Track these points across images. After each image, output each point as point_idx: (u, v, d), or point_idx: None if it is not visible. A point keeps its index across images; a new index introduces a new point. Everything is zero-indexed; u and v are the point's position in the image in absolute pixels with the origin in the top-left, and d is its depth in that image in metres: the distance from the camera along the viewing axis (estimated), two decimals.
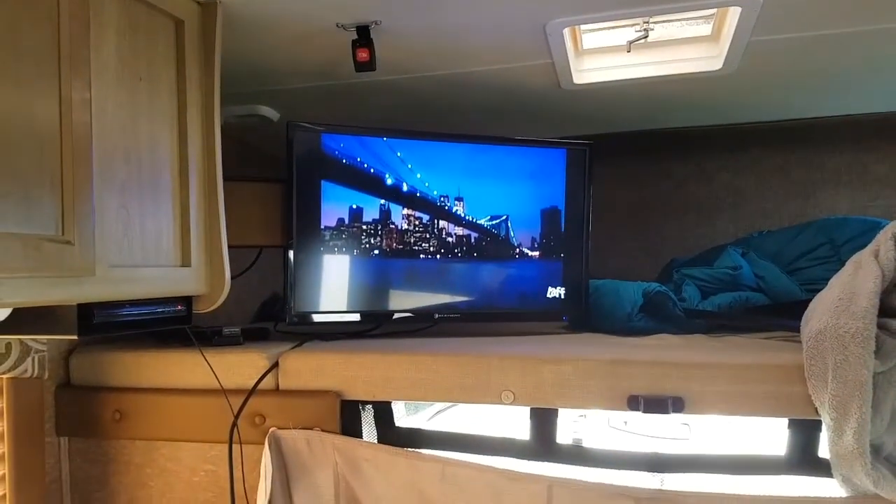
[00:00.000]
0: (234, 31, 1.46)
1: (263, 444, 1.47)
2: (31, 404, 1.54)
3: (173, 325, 1.35)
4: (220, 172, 1.40)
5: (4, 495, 1.50)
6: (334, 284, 1.76)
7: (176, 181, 1.33)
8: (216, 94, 1.40)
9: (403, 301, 1.82)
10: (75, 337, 1.15)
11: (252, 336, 1.72)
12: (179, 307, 1.34)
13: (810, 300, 1.45)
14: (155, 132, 1.29)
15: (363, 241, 1.76)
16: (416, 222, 1.81)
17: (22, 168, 0.99)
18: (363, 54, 1.50)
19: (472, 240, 1.86)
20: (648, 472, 1.49)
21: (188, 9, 1.36)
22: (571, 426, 2.11)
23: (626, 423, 2.12)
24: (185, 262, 1.34)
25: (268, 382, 1.51)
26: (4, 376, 1.45)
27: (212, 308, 1.41)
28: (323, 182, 1.72)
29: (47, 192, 1.03)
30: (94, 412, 1.60)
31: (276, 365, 1.53)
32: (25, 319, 1.14)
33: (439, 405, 2.15)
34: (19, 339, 1.44)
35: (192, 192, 1.35)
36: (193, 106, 1.36)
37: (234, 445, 1.49)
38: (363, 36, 1.50)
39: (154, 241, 1.27)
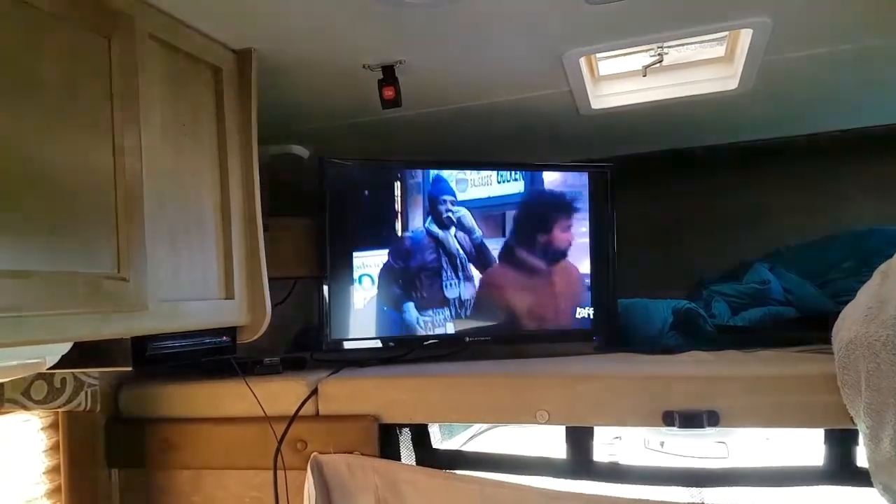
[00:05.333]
0: (267, 76, 1.54)
1: (306, 469, 1.51)
2: (84, 437, 1.61)
3: (220, 356, 1.41)
4: (259, 209, 1.47)
5: None
6: (367, 313, 1.81)
7: (219, 218, 1.41)
8: (253, 136, 1.48)
9: (434, 326, 1.86)
10: (130, 368, 1.21)
11: (290, 365, 1.78)
12: (225, 338, 1.41)
13: (840, 312, 1.46)
14: (198, 173, 1.37)
15: (395, 270, 1.82)
16: (446, 249, 1.86)
17: (82, 211, 1.07)
18: (389, 92, 1.57)
19: (500, 264, 1.90)
20: (686, 486, 1.49)
21: (224, 57, 1.45)
22: (607, 448, 2.11)
23: (662, 444, 2.11)
24: (229, 295, 1.41)
25: (308, 409, 1.56)
26: (60, 410, 1.52)
27: (255, 338, 1.47)
28: (355, 214, 1.79)
29: (104, 233, 1.11)
30: (142, 443, 1.66)
31: (315, 391, 1.58)
32: (84, 354, 1.20)
33: (472, 431, 2.17)
34: (73, 373, 1.52)
35: (234, 229, 1.42)
36: (233, 147, 1.44)
37: (278, 471, 1.53)
38: (388, 75, 1.57)
39: (200, 275, 1.34)
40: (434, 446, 1.67)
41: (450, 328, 1.87)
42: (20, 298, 0.94)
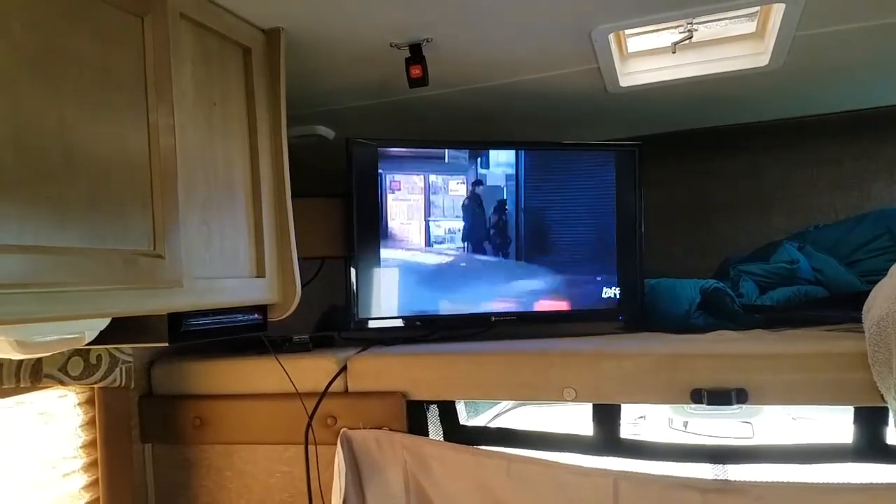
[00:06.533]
0: (294, 56, 1.54)
1: (335, 444, 1.54)
2: (119, 413, 1.65)
3: (252, 333, 1.43)
4: (288, 189, 1.48)
5: (98, 499, 1.60)
6: (395, 292, 1.82)
7: (249, 198, 1.42)
8: (282, 116, 1.49)
9: (461, 305, 1.87)
10: (167, 344, 1.23)
11: (319, 343, 1.80)
12: (256, 315, 1.43)
13: (870, 291, 1.44)
14: (229, 153, 1.38)
15: (421, 249, 1.83)
16: (472, 229, 1.87)
17: (118, 189, 1.09)
18: (416, 71, 1.57)
19: (527, 243, 1.90)
20: (712, 463, 1.49)
21: (254, 36, 1.45)
22: (631, 428, 2.11)
23: (686, 424, 2.11)
24: (260, 273, 1.43)
25: (337, 385, 1.59)
26: (96, 386, 1.56)
27: (285, 315, 1.49)
28: (381, 193, 1.80)
29: (139, 211, 1.13)
30: (175, 419, 1.70)
31: (344, 368, 1.60)
32: (121, 329, 1.23)
33: (496, 410, 2.19)
34: (108, 350, 1.55)
35: (264, 208, 1.44)
36: (262, 127, 1.45)
37: (308, 446, 1.56)
38: (416, 53, 1.56)
39: (232, 253, 1.36)
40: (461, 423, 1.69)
41: (476, 307, 1.87)
42: (59, 274, 0.97)
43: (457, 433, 1.63)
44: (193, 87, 1.29)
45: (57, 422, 1.52)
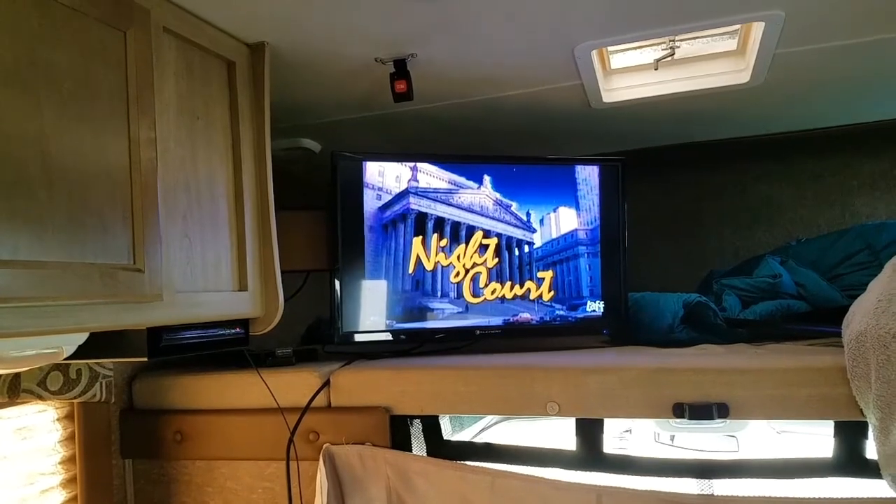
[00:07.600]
0: (279, 70, 1.55)
1: (318, 459, 1.52)
2: (99, 428, 1.63)
3: (233, 347, 1.42)
4: (272, 202, 1.48)
5: None
6: (379, 305, 1.82)
7: (232, 211, 1.42)
8: (266, 129, 1.49)
9: (446, 319, 1.87)
10: (146, 359, 1.22)
11: (302, 357, 1.79)
12: (238, 329, 1.42)
13: (851, 306, 1.45)
14: (212, 166, 1.38)
15: (405, 263, 1.83)
16: (456, 242, 1.87)
17: (98, 202, 1.08)
18: (401, 86, 1.58)
19: (510, 257, 1.91)
20: (695, 478, 1.49)
21: (238, 51, 1.46)
22: (617, 442, 2.11)
23: (672, 438, 2.11)
24: (243, 287, 1.42)
25: (320, 400, 1.58)
26: (76, 401, 1.54)
27: (267, 329, 1.48)
28: (365, 207, 1.80)
29: (120, 224, 1.12)
30: (156, 434, 1.68)
31: (327, 383, 1.60)
32: (100, 344, 1.22)
33: (481, 424, 2.18)
34: (88, 365, 1.54)
35: (247, 221, 1.44)
36: (246, 141, 1.46)
37: (290, 462, 1.55)
38: (400, 69, 1.57)
39: (214, 267, 1.36)
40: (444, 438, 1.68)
41: (461, 321, 1.87)
42: (37, 289, 0.96)
43: (440, 448, 1.62)
44: (176, 100, 1.29)
45: (35, 437, 1.50)
